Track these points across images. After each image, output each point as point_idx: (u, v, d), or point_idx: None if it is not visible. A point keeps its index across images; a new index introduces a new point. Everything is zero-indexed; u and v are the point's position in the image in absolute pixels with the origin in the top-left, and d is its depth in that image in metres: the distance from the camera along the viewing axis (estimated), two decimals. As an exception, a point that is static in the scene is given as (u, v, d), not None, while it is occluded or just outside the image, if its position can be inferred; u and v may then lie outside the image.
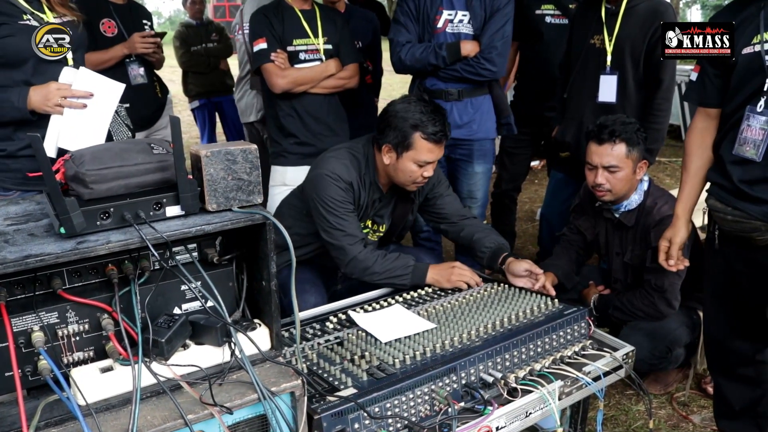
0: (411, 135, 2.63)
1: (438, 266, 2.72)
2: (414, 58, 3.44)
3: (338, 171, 2.68)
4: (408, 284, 2.66)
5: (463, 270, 2.68)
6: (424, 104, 2.68)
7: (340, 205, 2.67)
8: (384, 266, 2.66)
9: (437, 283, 2.66)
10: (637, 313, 2.98)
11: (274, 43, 3.44)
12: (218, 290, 1.61)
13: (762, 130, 2.08)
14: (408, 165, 2.68)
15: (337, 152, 2.80)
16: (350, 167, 2.72)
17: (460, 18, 3.46)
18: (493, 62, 3.42)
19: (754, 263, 2.25)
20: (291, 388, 1.60)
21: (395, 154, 2.68)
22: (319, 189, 2.69)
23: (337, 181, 2.67)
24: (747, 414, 2.56)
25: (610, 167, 2.87)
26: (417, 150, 2.64)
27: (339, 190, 2.67)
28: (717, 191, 2.28)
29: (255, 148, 1.67)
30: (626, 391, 3.17)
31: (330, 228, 2.69)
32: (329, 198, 2.67)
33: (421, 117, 2.62)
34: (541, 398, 1.99)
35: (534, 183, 6.99)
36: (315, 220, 2.74)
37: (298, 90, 3.47)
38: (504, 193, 4.51)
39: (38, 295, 1.49)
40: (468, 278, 2.64)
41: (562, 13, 4.12)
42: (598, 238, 3.20)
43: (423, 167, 2.68)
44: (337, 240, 2.69)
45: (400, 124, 2.65)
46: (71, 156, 1.61)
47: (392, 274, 2.66)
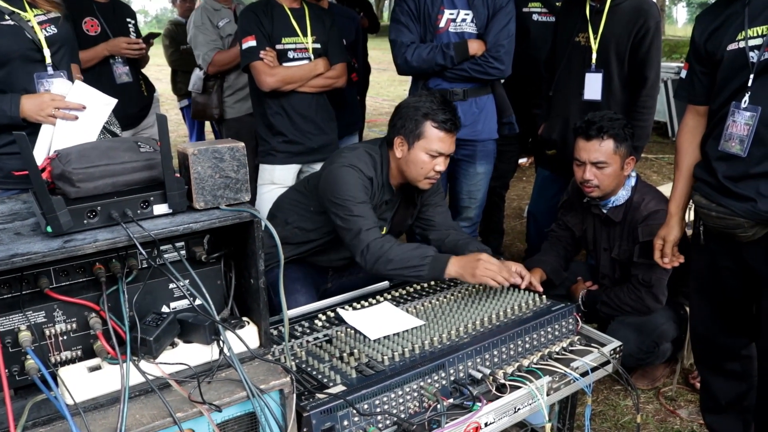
0: (422, 123, 2.64)
1: (461, 258, 2.51)
2: (421, 58, 3.43)
3: (359, 165, 2.67)
4: (425, 276, 2.52)
5: (490, 264, 2.43)
6: (434, 97, 2.70)
7: (360, 194, 2.64)
8: (400, 254, 2.52)
9: (460, 277, 2.48)
10: (625, 308, 3.00)
11: (263, 41, 3.43)
12: (206, 288, 1.61)
13: (747, 126, 2.09)
14: (420, 155, 2.67)
15: (355, 150, 2.77)
16: (369, 164, 2.72)
17: (463, 17, 3.46)
18: (502, 60, 3.44)
19: (739, 259, 2.27)
20: (280, 385, 1.60)
21: (407, 145, 2.68)
22: (339, 178, 2.64)
23: (358, 172, 2.66)
24: (733, 408, 2.59)
25: (598, 163, 2.89)
26: (428, 138, 2.65)
27: (359, 180, 2.65)
28: (702, 187, 2.30)
29: (242, 146, 1.66)
30: (614, 386, 3.19)
31: (348, 215, 2.62)
32: (350, 186, 2.63)
33: (432, 106, 2.64)
34: (529, 394, 2.00)
35: (522, 180, 7.01)
36: (329, 210, 2.68)
37: (287, 89, 3.46)
38: (492, 191, 4.50)
39: (25, 294, 1.48)
40: (495, 274, 2.41)
41: (548, 10, 4.14)
42: (586, 234, 3.22)
43: (435, 159, 2.67)
44: (353, 226, 2.60)
45: (412, 113, 2.67)
46: (58, 154, 1.60)
47: (408, 263, 2.51)
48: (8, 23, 2.38)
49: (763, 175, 2.08)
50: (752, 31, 2.09)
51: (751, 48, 2.08)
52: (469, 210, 3.82)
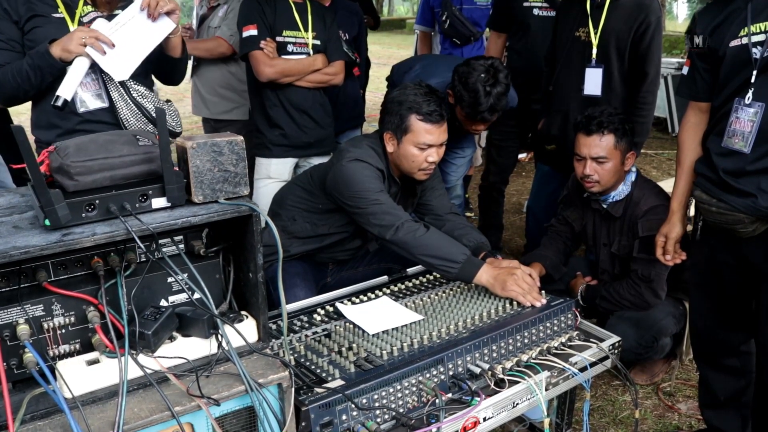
0: (407, 118, 2.64)
1: (495, 268, 2.44)
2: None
3: (368, 159, 2.66)
4: (453, 275, 2.45)
5: (523, 282, 2.36)
6: (419, 88, 2.69)
7: (375, 183, 2.62)
8: (436, 243, 2.47)
9: (489, 287, 2.41)
10: (624, 303, 3.00)
11: (264, 31, 3.43)
12: (205, 282, 1.60)
13: (750, 122, 2.09)
14: (409, 149, 2.67)
15: (360, 145, 2.75)
16: (375, 158, 2.71)
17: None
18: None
19: (739, 255, 2.26)
20: (278, 379, 1.60)
21: (396, 140, 2.69)
22: (351, 174, 2.61)
23: (368, 166, 2.65)
24: (731, 404, 2.59)
25: (599, 158, 2.88)
26: (415, 132, 2.64)
27: (372, 172, 2.64)
28: (703, 183, 2.30)
29: (241, 139, 1.66)
30: (613, 381, 3.19)
31: (369, 204, 2.56)
32: (365, 179, 2.60)
33: (416, 99, 2.63)
34: (528, 389, 2.00)
35: (521, 175, 7.01)
36: (346, 206, 2.65)
37: (284, 81, 3.46)
38: (492, 186, 4.52)
39: (23, 287, 1.48)
40: (525, 292, 2.33)
41: (549, 5, 4.12)
42: (586, 229, 3.22)
43: (425, 151, 2.67)
44: (378, 210, 2.55)
45: (396, 108, 2.66)
46: (56, 148, 1.60)
47: (442, 255, 2.44)
48: (59, 16, 2.42)
49: (764, 171, 2.08)
50: (755, 27, 2.08)
51: (754, 44, 2.08)
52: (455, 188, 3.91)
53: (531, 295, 2.33)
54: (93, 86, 2.46)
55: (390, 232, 2.51)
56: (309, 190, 2.91)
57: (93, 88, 2.46)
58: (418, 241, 2.48)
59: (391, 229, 2.51)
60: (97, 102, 2.47)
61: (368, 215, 2.58)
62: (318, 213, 2.86)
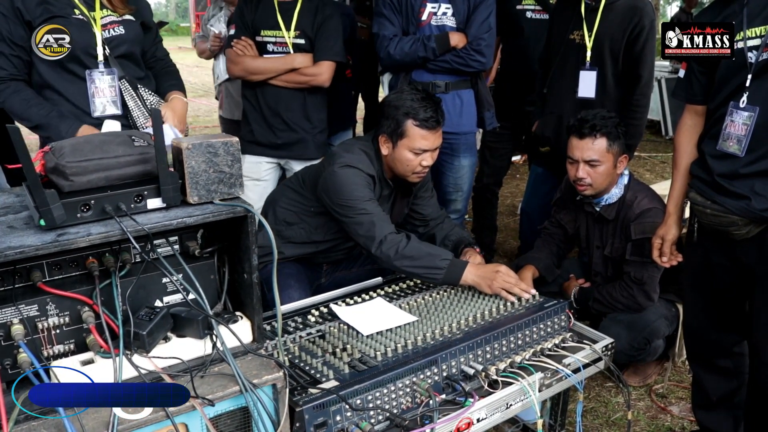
0: (403, 123, 2.64)
1: (479, 267, 2.50)
2: (403, 52, 3.45)
3: (359, 165, 2.66)
4: (439, 280, 2.49)
5: (508, 277, 2.43)
6: (416, 92, 2.68)
7: (365, 192, 2.62)
8: (418, 253, 2.50)
9: (477, 287, 2.46)
10: (617, 305, 3.01)
11: (241, 30, 3.47)
12: (200, 283, 1.61)
13: (745, 125, 2.10)
14: (404, 154, 2.67)
15: (351, 149, 2.74)
16: (367, 162, 2.70)
17: (444, 11, 3.47)
18: (483, 53, 3.46)
19: (732, 257, 2.28)
20: (273, 380, 1.61)
21: (391, 143, 2.69)
22: (341, 180, 2.61)
23: (359, 172, 2.64)
24: (724, 405, 2.60)
25: (591, 161, 2.89)
26: (411, 138, 2.64)
27: (362, 180, 2.64)
28: (697, 185, 2.31)
29: (236, 140, 1.66)
30: (606, 383, 3.20)
31: (357, 213, 2.59)
32: (355, 186, 2.60)
33: (413, 104, 2.63)
34: (521, 390, 2.01)
35: (515, 177, 7.03)
36: (336, 213, 2.66)
37: (253, 79, 3.47)
38: (485, 188, 4.53)
39: (18, 287, 1.47)
40: (511, 287, 2.40)
41: (542, 8, 4.14)
42: (579, 232, 3.23)
43: (420, 155, 2.67)
44: (365, 220, 2.58)
45: (393, 112, 2.66)
46: (51, 148, 1.60)
47: (425, 264, 2.48)
48: (79, 17, 2.46)
49: (758, 174, 2.09)
50: (750, 31, 2.10)
51: (749, 48, 2.09)
52: (456, 202, 3.84)
53: (518, 287, 2.39)
54: (109, 93, 2.52)
55: (374, 246, 2.56)
56: (300, 192, 2.91)
57: (109, 95, 2.52)
58: (400, 254, 2.51)
59: (375, 242, 2.55)
60: (111, 108, 2.53)
61: (354, 225, 2.61)
62: (310, 216, 2.86)
